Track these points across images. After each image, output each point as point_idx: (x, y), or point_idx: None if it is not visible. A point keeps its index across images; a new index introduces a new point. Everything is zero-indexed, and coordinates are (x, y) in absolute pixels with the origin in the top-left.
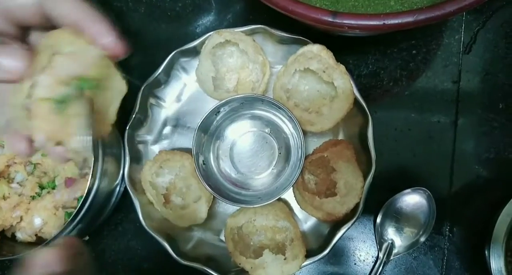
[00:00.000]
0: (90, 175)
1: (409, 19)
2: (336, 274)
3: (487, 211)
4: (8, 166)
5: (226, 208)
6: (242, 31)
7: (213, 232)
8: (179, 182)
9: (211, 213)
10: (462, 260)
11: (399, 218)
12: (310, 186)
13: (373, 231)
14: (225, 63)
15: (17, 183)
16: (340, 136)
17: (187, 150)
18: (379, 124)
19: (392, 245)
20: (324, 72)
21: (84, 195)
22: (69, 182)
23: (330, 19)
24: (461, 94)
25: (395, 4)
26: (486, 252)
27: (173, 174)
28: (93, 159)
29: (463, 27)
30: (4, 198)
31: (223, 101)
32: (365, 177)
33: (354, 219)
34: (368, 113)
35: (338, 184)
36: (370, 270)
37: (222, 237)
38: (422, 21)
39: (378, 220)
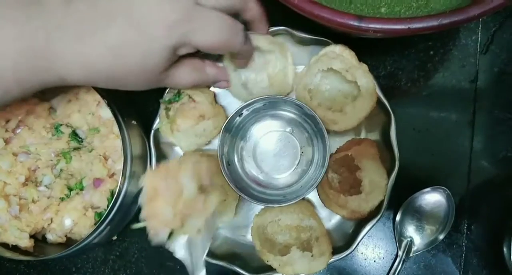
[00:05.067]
0: (121, 175)
1: (433, 23)
2: (356, 271)
3: (504, 209)
4: (34, 170)
5: (251, 207)
6: None
7: (239, 230)
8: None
9: (237, 212)
10: (480, 257)
11: (419, 216)
12: (333, 184)
13: (391, 229)
14: (248, 69)
15: (45, 186)
16: (362, 135)
17: (211, 150)
18: (397, 124)
19: (411, 243)
20: (347, 71)
21: (115, 195)
22: (98, 182)
23: (356, 24)
24: (478, 94)
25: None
26: (505, 249)
27: None
28: (122, 159)
29: (480, 28)
30: (33, 201)
31: (246, 103)
32: (388, 175)
33: (379, 216)
34: (391, 112)
35: (363, 182)
36: (389, 267)
37: (248, 236)
38: (447, 25)
39: (398, 218)
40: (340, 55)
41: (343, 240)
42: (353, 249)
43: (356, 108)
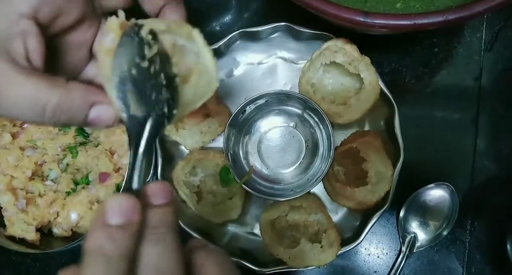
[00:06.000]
0: (127, 169)
1: (439, 19)
2: (359, 267)
3: (508, 206)
4: (41, 165)
5: (258, 203)
6: (265, 30)
7: (247, 226)
8: (210, 180)
9: (244, 208)
10: (484, 253)
11: (423, 212)
12: (339, 177)
13: (395, 225)
14: None
15: (51, 180)
16: (366, 127)
17: (216, 149)
18: (401, 121)
19: (415, 239)
20: (350, 64)
21: (121, 189)
22: (104, 177)
23: (362, 19)
24: (482, 91)
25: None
26: (509, 245)
27: (206, 172)
28: (129, 152)
29: (484, 25)
30: (40, 195)
31: (249, 99)
32: (393, 166)
33: (386, 206)
34: (394, 103)
35: (369, 173)
36: (393, 263)
37: (256, 231)
38: (452, 21)
39: (402, 214)
40: (342, 49)
41: (351, 232)
42: (362, 239)
43: (360, 100)
